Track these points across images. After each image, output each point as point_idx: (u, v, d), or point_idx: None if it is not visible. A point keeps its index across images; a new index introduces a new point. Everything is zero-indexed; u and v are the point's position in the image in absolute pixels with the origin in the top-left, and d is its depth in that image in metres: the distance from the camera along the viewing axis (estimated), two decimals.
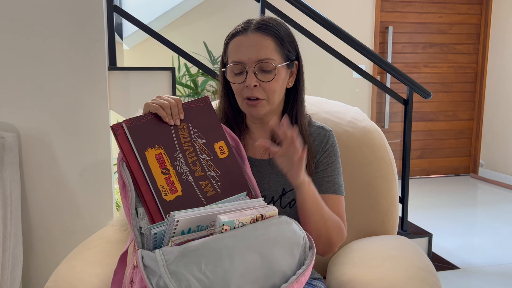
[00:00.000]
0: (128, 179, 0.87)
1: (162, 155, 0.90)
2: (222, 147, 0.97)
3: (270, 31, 1.02)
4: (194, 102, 0.98)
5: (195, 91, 3.30)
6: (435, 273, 1.07)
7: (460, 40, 4.59)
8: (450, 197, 4.04)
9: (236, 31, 1.04)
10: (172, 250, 0.74)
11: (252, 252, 0.76)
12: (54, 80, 1.77)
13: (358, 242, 1.32)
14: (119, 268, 0.93)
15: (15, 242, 1.64)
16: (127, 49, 3.72)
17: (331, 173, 1.10)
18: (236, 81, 1.03)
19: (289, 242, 0.82)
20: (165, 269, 0.72)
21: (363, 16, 4.23)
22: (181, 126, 0.95)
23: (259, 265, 0.76)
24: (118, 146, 0.90)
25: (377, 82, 2.56)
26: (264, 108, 1.04)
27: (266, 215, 0.84)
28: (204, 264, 0.72)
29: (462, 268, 2.53)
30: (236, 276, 0.73)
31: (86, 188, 1.85)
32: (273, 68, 1.01)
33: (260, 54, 1.00)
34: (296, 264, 0.82)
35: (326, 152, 1.11)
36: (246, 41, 1.01)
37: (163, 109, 0.92)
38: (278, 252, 0.79)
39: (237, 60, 1.01)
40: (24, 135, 1.76)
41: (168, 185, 0.88)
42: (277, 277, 0.78)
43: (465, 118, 4.75)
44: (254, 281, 0.75)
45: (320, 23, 2.27)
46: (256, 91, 1.01)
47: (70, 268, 1.11)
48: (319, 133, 1.12)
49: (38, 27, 1.73)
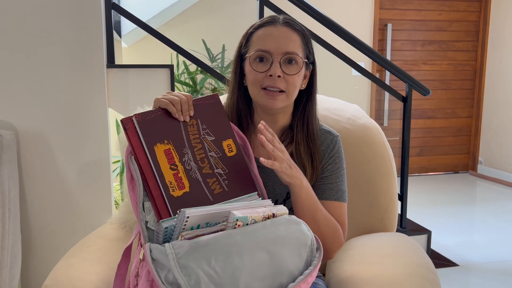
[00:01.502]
0: (136, 173, 0.87)
1: (171, 150, 0.90)
2: (230, 145, 0.97)
3: (298, 27, 1.05)
4: (204, 99, 0.98)
5: (194, 89, 3.30)
6: (434, 270, 1.07)
7: (459, 38, 4.59)
8: (449, 195, 4.05)
9: (263, 22, 1.05)
10: (182, 244, 0.74)
11: (261, 251, 0.76)
12: (52, 78, 1.76)
13: (357, 239, 1.32)
14: (123, 262, 0.92)
15: (13, 240, 1.64)
16: (126, 46, 3.72)
17: (335, 180, 1.09)
18: (259, 69, 1.02)
19: (297, 242, 0.82)
20: (175, 262, 0.71)
21: (362, 13, 4.23)
22: (191, 123, 0.95)
23: (267, 263, 0.76)
24: (127, 140, 0.90)
25: (376, 80, 2.56)
26: (283, 101, 1.03)
27: (277, 214, 0.84)
28: (214, 260, 0.72)
29: (461, 265, 2.53)
30: (245, 273, 0.73)
31: (85, 186, 1.85)
32: (299, 61, 1.02)
33: (288, 47, 1.01)
34: (303, 264, 0.82)
35: (332, 158, 1.10)
36: (275, 31, 1.02)
37: (173, 105, 0.92)
38: (286, 251, 0.79)
39: (264, 49, 1.01)
40: (22, 132, 1.76)
41: (176, 181, 0.89)
42: (284, 277, 0.78)
43: (464, 115, 4.75)
44: (262, 279, 0.75)
45: (319, 20, 2.26)
46: (279, 81, 1.01)
47: (68, 266, 1.10)
48: (326, 138, 1.11)
49: (36, 25, 1.73)
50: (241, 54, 1.08)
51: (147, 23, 2.09)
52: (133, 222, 1.31)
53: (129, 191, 0.90)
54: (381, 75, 4.38)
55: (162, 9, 3.46)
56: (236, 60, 1.09)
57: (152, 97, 2.12)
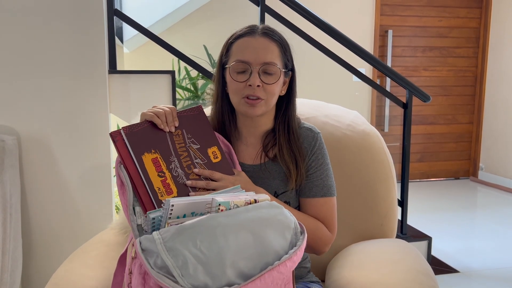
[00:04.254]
0: (126, 179, 0.93)
1: (158, 159, 0.96)
2: (215, 152, 1.03)
3: (276, 37, 1.08)
4: (188, 111, 1.05)
5: (195, 94, 3.31)
6: (434, 277, 1.07)
7: (460, 44, 4.60)
8: (449, 201, 4.04)
9: (242, 33, 1.09)
10: (168, 229, 0.77)
11: (245, 231, 0.79)
12: (54, 83, 1.78)
13: (357, 245, 1.32)
14: (118, 270, 0.94)
15: (14, 245, 1.64)
16: (127, 52, 3.74)
17: (320, 176, 1.13)
18: (239, 79, 1.06)
19: (280, 225, 0.83)
20: (162, 246, 0.74)
21: (362, 19, 4.25)
22: (176, 133, 1.01)
23: (251, 243, 0.78)
24: (117, 152, 0.96)
25: (377, 86, 2.57)
26: (262, 108, 1.08)
27: (259, 200, 0.87)
28: (200, 241, 0.75)
29: (461, 272, 2.53)
30: (230, 252, 0.75)
31: (86, 191, 1.85)
32: (276, 71, 1.06)
33: (266, 57, 1.05)
34: (288, 245, 0.84)
35: (315, 155, 1.13)
36: (254, 42, 1.06)
37: (158, 117, 0.99)
38: (270, 232, 0.81)
39: (243, 59, 1.05)
40: (24, 138, 1.77)
41: (164, 187, 0.94)
42: (270, 256, 0.80)
43: (465, 121, 4.76)
44: (248, 259, 0.77)
45: (319, 26, 2.28)
46: (258, 90, 1.05)
47: (69, 271, 1.11)
48: (307, 135, 1.15)
49: (39, 31, 1.74)
50: (222, 63, 1.12)
51: (149, 29, 2.11)
52: None
53: (119, 196, 0.95)
54: (382, 81, 4.39)
55: (164, 15, 3.48)
56: (218, 69, 1.13)
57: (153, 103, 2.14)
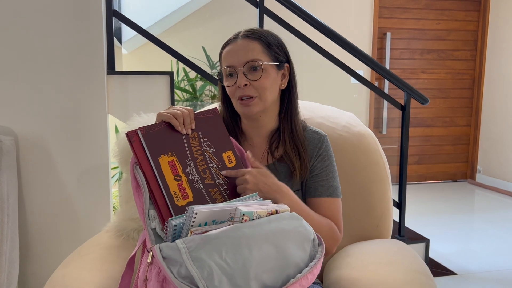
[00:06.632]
0: (142, 181, 0.91)
1: (175, 162, 0.95)
2: (230, 157, 1.02)
3: (257, 36, 1.11)
4: (204, 113, 1.04)
5: (194, 96, 3.32)
6: (432, 277, 1.08)
7: (458, 47, 4.61)
8: (447, 203, 4.05)
9: (227, 41, 1.14)
10: (193, 239, 0.76)
11: (268, 243, 0.79)
12: (52, 83, 1.78)
13: (354, 246, 1.32)
14: (126, 272, 0.95)
15: (11, 246, 1.64)
16: (126, 53, 3.74)
17: (325, 177, 1.14)
18: (229, 84, 1.10)
19: (300, 237, 0.85)
20: (187, 256, 0.73)
21: (361, 22, 4.26)
22: (192, 135, 1.00)
23: (274, 256, 0.79)
24: (133, 152, 0.94)
25: (375, 88, 2.57)
26: (257, 105, 1.10)
27: (280, 211, 0.88)
28: (225, 252, 0.75)
29: (459, 274, 2.53)
30: (254, 264, 0.76)
31: (84, 192, 1.85)
32: (259, 65, 1.08)
33: (247, 56, 1.08)
34: (307, 258, 0.86)
35: (320, 157, 1.15)
36: (235, 46, 1.10)
37: (176, 118, 0.98)
38: (291, 245, 0.82)
39: (228, 64, 1.10)
40: (22, 138, 1.77)
41: (180, 191, 0.93)
42: (291, 269, 0.81)
43: (463, 124, 4.77)
44: (270, 271, 0.78)
45: (318, 29, 2.28)
46: (247, 89, 1.08)
47: (65, 276, 1.10)
48: (314, 138, 1.17)
49: (37, 31, 1.74)
50: (219, 72, 1.17)
51: (148, 30, 2.11)
52: (129, 230, 1.31)
53: (135, 198, 0.93)
54: (380, 84, 4.40)
55: (162, 16, 3.48)
56: (219, 77, 1.17)
57: (152, 104, 2.14)
